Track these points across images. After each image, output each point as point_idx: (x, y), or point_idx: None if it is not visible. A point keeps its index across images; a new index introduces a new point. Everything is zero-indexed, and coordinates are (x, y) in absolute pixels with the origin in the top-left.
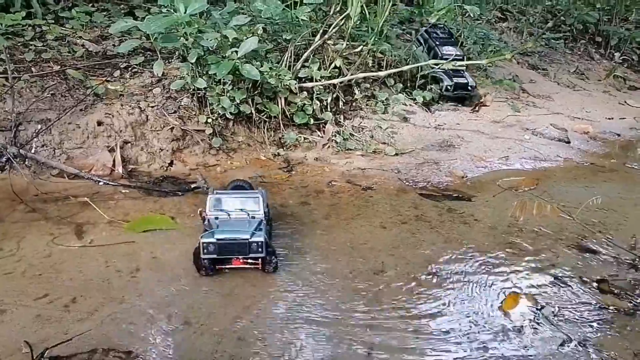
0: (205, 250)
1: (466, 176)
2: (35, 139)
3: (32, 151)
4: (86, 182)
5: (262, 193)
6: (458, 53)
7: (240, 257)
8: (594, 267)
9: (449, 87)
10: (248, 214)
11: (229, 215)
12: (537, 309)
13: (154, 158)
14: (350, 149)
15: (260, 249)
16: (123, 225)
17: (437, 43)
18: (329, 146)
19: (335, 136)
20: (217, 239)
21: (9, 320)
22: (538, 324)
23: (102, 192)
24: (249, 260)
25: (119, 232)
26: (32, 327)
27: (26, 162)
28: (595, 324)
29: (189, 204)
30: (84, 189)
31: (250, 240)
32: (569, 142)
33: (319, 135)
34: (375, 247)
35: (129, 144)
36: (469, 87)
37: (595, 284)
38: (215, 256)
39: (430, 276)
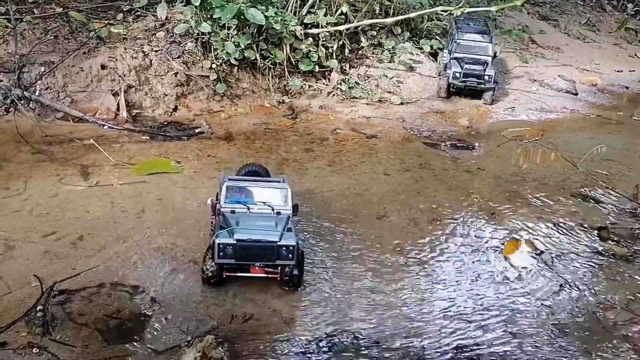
0: (221, 254)
1: (471, 126)
2: (39, 82)
3: (36, 94)
4: (91, 126)
5: (288, 183)
6: (481, 40)
7: (262, 264)
8: (595, 215)
9: (457, 75)
10: (272, 209)
11: (248, 208)
12: (536, 254)
13: (158, 103)
14: (356, 98)
15: (290, 255)
16: (128, 167)
17: (459, 29)
18: (334, 94)
19: (341, 84)
20: (238, 240)
21: (18, 256)
22: (537, 268)
23: (107, 136)
24: (266, 269)
25: (124, 175)
26: (40, 263)
27: (30, 105)
28: (593, 270)
29: (193, 149)
30: (89, 132)
31: (279, 243)
32: (576, 94)
33: (324, 83)
34: (378, 194)
35: (133, 89)
36: (484, 78)
37: (595, 232)
38: (232, 261)
39: (432, 222)
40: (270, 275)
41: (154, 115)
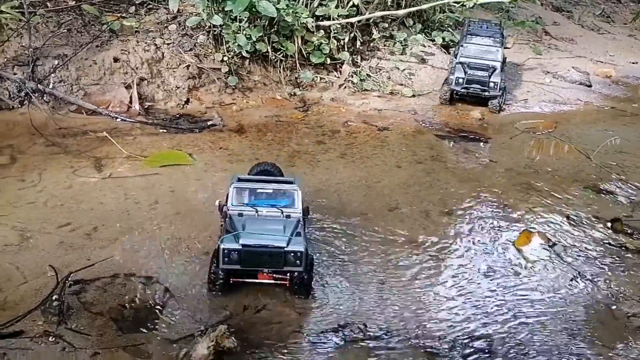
0: (225, 259)
1: (483, 118)
2: (52, 75)
3: (50, 86)
4: (104, 118)
5: (299, 184)
6: (490, 44)
7: (269, 270)
8: (609, 208)
9: (459, 80)
10: (282, 212)
11: (256, 211)
12: (549, 246)
13: (170, 96)
14: (367, 90)
15: (298, 262)
16: (141, 160)
17: (468, 33)
18: (345, 86)
19: (352, 77)
20: (243, 245)
21: (34, 247)
22: (549, 260)
23: (120, 128)
24: (275, 276)
25: (137, 167)
26: (56, 253)
27: (44, 97)
28: (606, 262)
29: (205, 141)
30: (102, 125)
31: (286, 249)
32: (590, 86)
33: (335, 76)
34: (390, 186)
35: (145, 81)
36: (489, 85)
37: (608, 224)
38: (238, 267)
39: (444, 214)
40: (278, 282)
41: (166, 107)
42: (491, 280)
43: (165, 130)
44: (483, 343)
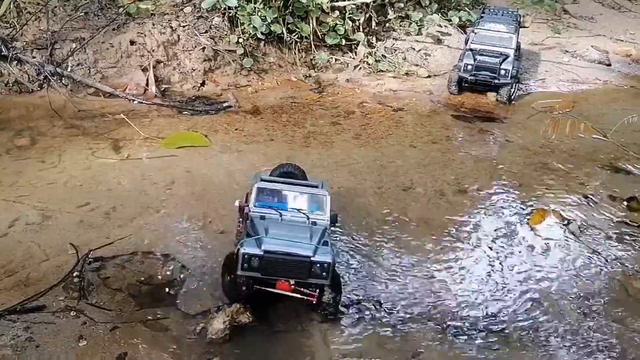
0: (245, 265)
1: (500, 98)
2: (70, 58)
3: (68, 70)
4: (121, 101)
5: (327, 189)
6: (503, 30)
7: (291, 280)
8: (625, 186)
9: (468, 67)
10: (308, 217)
11: (280, 215)
12: (563, 225)
13: (186, 78)
14: (382, 71)
15: (324, 274)
16: (158, 141)
17: (481, 19)
18: (360, 68)
19: (367, 58)
20: (266, 251)
21: (54, 225)
22: (564, 239)
23: (137, 110)
24: (303, 289)
25: (154, 148)
26: (76, 232)
27: (63, 81)
28: (621, 240)
29: (220, 123)
30: (119, 107)
31: (313, 259)
32: (609, 65)
33: (350, 57)
34: (405, 166)
35: (162, 64)
36: (500, 72)
37: (624, 202)
38: (258, 275)
39: (459, 193)
40: (299, 296)
41: (182, 90)
42: (505, 258)
43: (180, 112)
44: (495, 320)
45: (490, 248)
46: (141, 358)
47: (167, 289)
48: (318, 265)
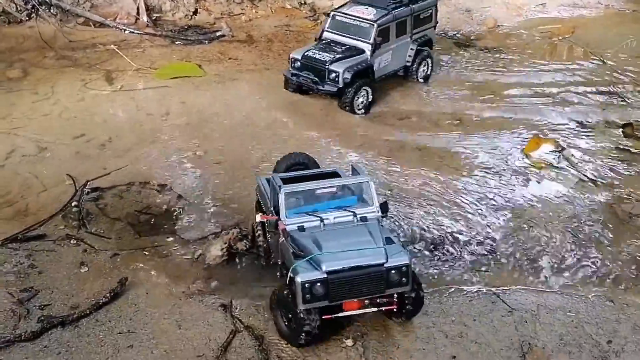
0: (307, 296)
1: (500, 25)
2: None
3: None
4: (112, 30)
5: (365, 173)
6: (363, 18)
7: (364, 297)
8: (621, 113)
9: (296, 64)
10: (354, 214)
11: (321, 220)
12: (558, 151)
13: (177, 6)
14: None
15: (404, 279)
16: (151, 72)
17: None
18: None
19: None
20: (329, 272)
21: (51, 157)
22: (558, 164)
23: (129, 41)
24: (377, 300)
25: (147, 79)
26: (72, 163)
27: (52, 10)
28: (614, 166)
29: (214, 52)
30: (111, 37)
31: (387, 265)
32: None
33: None
34: (398, 96)
35: None
36: (329, 76)
37: (620, 129)
38: (326, 303)
39: (455, 121)
40: (375, 309)
41: (174, 19)
42: (499, 183)
43: (173, 42)
44: (486, 239)
45: (484, 175)
46: (141, 282)
47: (164, 218)
48: (394, 270)
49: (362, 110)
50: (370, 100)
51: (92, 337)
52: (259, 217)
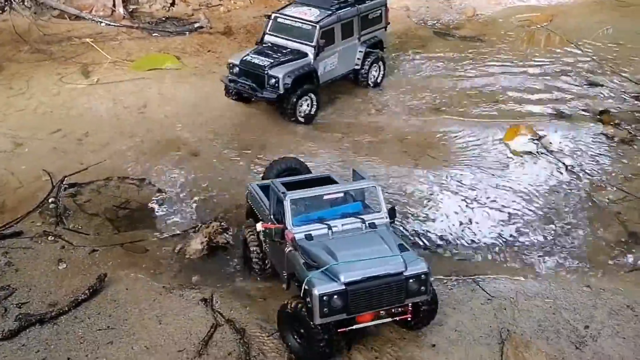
0: (325, 310)
1: (479, 13)
2: None
3: None
4: (88, 23)
5: (367, 177)
6: (306, 20)
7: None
8: (598, 100)
9: (234, 69)
10: (363, 221)
11: (329, 227)
12: (536, 140)
13: None
14: None
15: (423, 287)
16: (128, 64)
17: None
18: None
19: None
20: (348, 283)
21: (27, 153)
22: (536, 153)
23: (105, 33)
24: (392, 309)
25: (124, 72)
26: (49, 158)
27: (25, 3)
28: (592, 153)
29: (192, 44)
30: (87, 30)
31: (407, 273)
32: None
33: None
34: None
35: None
36: (269, 81)
37: (597, 116)
38: (344, 316)
39: (435, 110)
40: (390, 320)
41: (152, 10)
42: (478, 172)
43: (150, 34)
44: (468, 227)
45: (463, 164)
46: (120, 278)
47: (143, 213)
48: (413, 279)
49: (303, 120)
50: (315, 107)
51: (71, 335)
52: (259, 226)
